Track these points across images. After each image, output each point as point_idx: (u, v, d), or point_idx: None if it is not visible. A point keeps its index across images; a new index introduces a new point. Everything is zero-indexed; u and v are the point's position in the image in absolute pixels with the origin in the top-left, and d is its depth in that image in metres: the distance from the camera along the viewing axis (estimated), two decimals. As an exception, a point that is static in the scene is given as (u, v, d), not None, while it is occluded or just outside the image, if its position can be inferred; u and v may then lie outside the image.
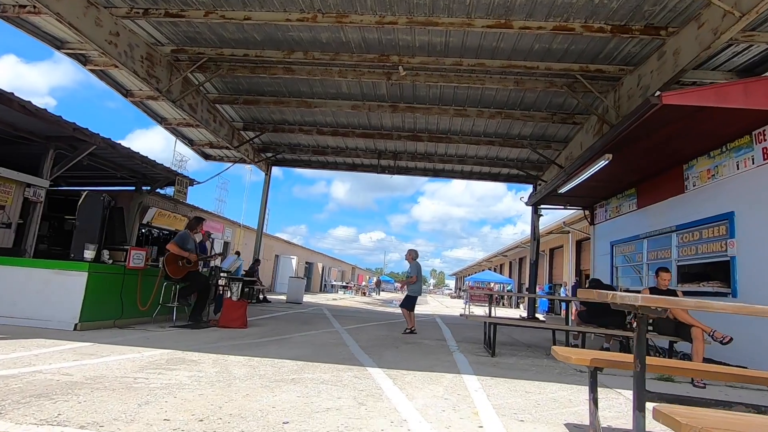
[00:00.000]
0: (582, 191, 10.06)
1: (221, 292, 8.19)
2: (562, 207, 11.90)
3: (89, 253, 5.52)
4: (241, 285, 6.99)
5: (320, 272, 35.37)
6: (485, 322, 6.13)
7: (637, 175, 8.50)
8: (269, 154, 14.65)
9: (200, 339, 5.43)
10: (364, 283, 42.02)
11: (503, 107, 10.39)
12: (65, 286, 5.37)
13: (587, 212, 11.58)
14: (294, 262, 25.87)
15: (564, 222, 19.12)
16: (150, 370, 3.51)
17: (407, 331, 7.82)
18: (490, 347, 5.82)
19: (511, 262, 37.16)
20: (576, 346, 6.58)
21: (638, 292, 8.21)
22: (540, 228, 24.18)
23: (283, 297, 16.94)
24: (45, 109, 7.35)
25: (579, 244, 21.58)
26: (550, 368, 5.02)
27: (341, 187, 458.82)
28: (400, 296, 8.39)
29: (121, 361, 3.76)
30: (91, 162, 9.83)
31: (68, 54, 9.39)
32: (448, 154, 13.86)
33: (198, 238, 7.43)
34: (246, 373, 3.65)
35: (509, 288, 31.96)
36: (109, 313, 5.88)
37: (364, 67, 9.11)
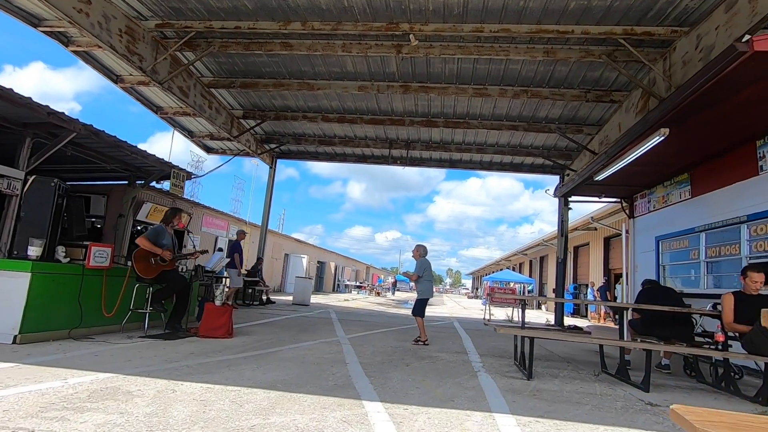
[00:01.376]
0: (621, 179, 8.76)
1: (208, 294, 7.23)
2: (597, 198, 10.57)
3: (34, 250, 4.58)
4: (224, 288, 5.96)
5: (333, 272, 34.46)
6: (516, 335, 4.95)
7: (694, 156, 7.16)
8: (273, 145, 13.69)
9: (165, 355, 4.42)
10: (377, 283, 41.00)
11: (529, 84, 9.13)
12: (3, 290, 4.43)
13: (625, 204, 10.22)
14: (305, 261, 24.98)
15: (592, 217, 17.64)
16: (53, 412, 2.49)
17: (419, 341, 6.68)
18: (523, 365, 4.66)
19: (531, 261, 35.56)
20: (628, 363, 5.33)
21: (698, 296, 6.91)
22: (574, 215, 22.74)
23: (291, 298, 16.02)
24: (11, 89, 6.47)
25: (607, 242, 20.06)
26: (607, 399, 3.83)
27: (357, 187, 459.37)
28: (415, 296, 7.20)
29: (24, 396, 2.75)
30: (77, 153, 9.00)
31: (47, 33, 8.55)
32: (466, 142, 12.63)
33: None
34: (189, 415, 2.59)
35: (530, 288, 30.42)
36: (62, 321, 4.94)
37: (370, 38, 8.01)
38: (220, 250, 9.62)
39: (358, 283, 37.25)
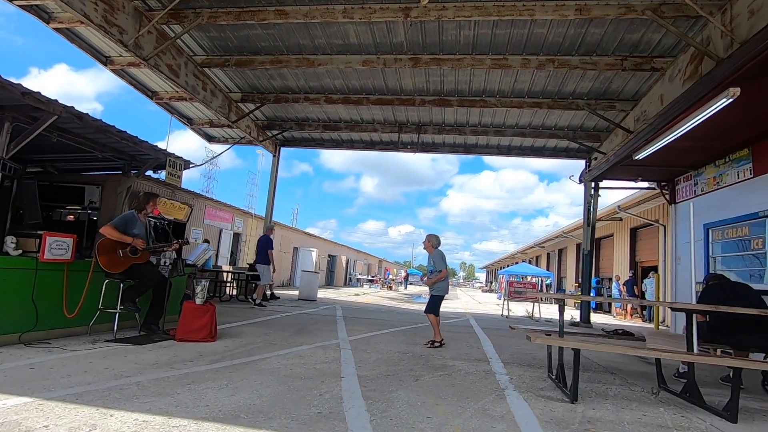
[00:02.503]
0: (663, 158, 7.67)
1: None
2: (632, 181, 9.44)
3: (-31, 240, 3.83)
4: (207, 285, 5.16)
5: (344, 266, 33.76)
6: (551, 345, 3.99)
7: (761, 126, 6.03)
8: (275, 132, 12.86)
9: (120, 366, 3.62)
10: (390, 276, 40.20)
11: (556, 52, 8.05)
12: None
13: (665, 190, 9.10)
14: (314, 255, 24.27)
15: (618, 206, 16.41)
16: None
17: (433, 344, 5.79)
18: (561, 380, 3.71)
19: (549, 254, 34.26)
20: (683, 374, 4.32)
21: (764, 292, 5.81)
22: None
23: (297, 293, 15.28)
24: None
25: (634, 233, 18.78)
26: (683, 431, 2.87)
27: (370, 181, 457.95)
28: (427, 290, 6.24)
29: None
30: (64, 140, 8.36)
31: (23, 7, 7.84)
32: (482, 124, 11.58)
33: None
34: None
35: (548, 282, 29.16)
36: (10, 324, 4.19)
37: (374, 0, 7.05)
38: (206, 241, 8.89)
39: (369, 277, 36.51)
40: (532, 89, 9.49)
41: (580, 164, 12.61)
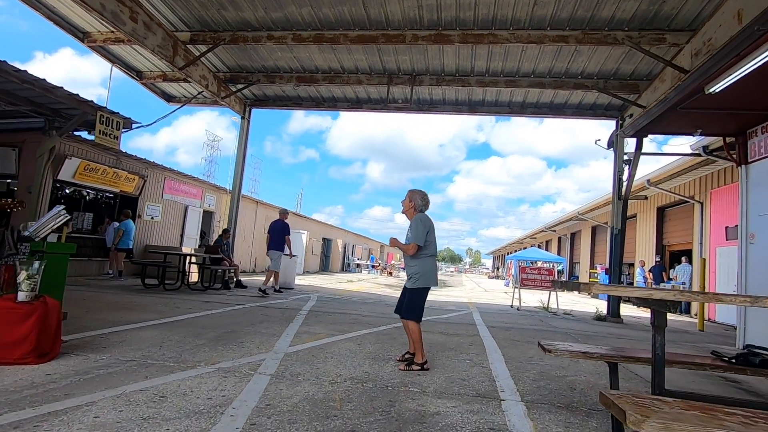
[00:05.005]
0: (735, 98, 5.47)
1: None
2: (690, 134, 7.18)
3: None
4: (39, 269, 3.12)
5: (341, 250, 31.82)
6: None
7: None
8: (240, 86, 10.68)
9: None
10: (393, 262, 38.24)
11: (596, -52, 5.79)
12: None
13: (731, 149, 6.88)
14: (304, 237, 22.30)
15: (648, 180, 14.14)
16: None
17: (410, 366, 3.72)
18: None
19: (560, 238, 32.06)
20: None
21: None
22: (604, 194, 19.14)
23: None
24: None
25: (661, 212, 16.58)
26: None
27: (376, 167, 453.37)
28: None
29: None
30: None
31: None
32: (491, 72, 9.33)
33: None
34: None
35: (560, 268, 27.08)
36: None
37: None
38: (61, 203, 6.89)
39: (369, 262, 34.59)
40: (558, 15, 7.22)
41: (606, 130, 10.37)
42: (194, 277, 10.59)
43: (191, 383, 2.87)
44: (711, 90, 5.18)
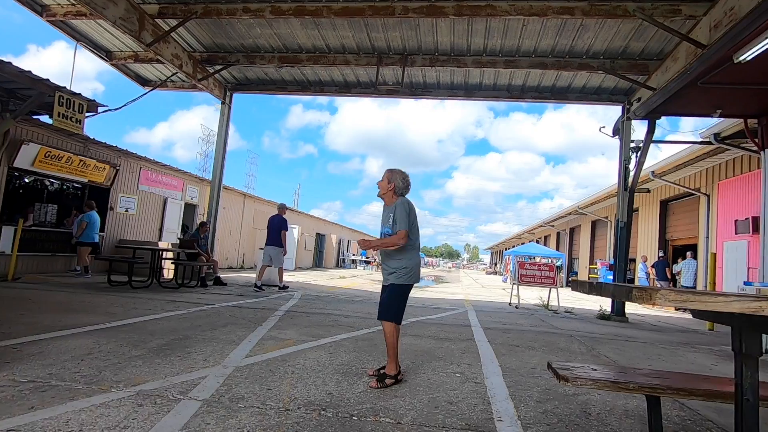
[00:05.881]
0: (761, 73, 4.79)
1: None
2: (708, 115, 6.49)
3: None
4: None
5: (335, 245, 31.10)
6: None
7: None
8: (218, 67, 9.89)
9: None
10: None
11: None
12: None
13: (754, 132, 6.20)
14: (296, 232, 21.54)
15: (652, 172, 13.48)
16: None
17: (382, 381, 3.02)
18: None
19: (559, 233, 31.47)
20: None
21: None
22: (604, 188, 18.47)
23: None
24: None
25: (664, 206, 15.96)
26: None
27: (375, 162, 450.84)
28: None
29: None
30: None
31: None
32: (489, 50, 8.58)
33: None
34: None
35: (559, 264, 26.48)
36: None
37: None
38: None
39: (365, 258, 33.90)
40: (563, -18, 6.49)
41: (611, 116, 9.67)
42: (170, 273, 9.87)
43: (87, 417, 2.16)
44: (741, 58, 4.50)
